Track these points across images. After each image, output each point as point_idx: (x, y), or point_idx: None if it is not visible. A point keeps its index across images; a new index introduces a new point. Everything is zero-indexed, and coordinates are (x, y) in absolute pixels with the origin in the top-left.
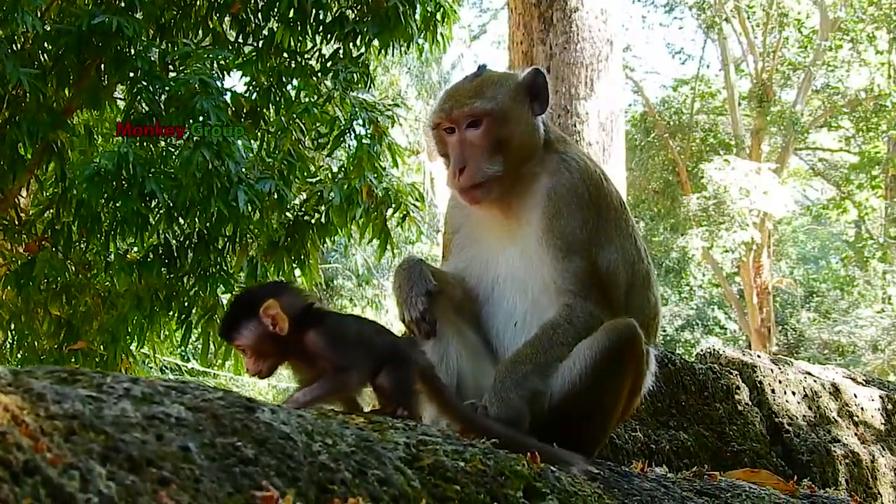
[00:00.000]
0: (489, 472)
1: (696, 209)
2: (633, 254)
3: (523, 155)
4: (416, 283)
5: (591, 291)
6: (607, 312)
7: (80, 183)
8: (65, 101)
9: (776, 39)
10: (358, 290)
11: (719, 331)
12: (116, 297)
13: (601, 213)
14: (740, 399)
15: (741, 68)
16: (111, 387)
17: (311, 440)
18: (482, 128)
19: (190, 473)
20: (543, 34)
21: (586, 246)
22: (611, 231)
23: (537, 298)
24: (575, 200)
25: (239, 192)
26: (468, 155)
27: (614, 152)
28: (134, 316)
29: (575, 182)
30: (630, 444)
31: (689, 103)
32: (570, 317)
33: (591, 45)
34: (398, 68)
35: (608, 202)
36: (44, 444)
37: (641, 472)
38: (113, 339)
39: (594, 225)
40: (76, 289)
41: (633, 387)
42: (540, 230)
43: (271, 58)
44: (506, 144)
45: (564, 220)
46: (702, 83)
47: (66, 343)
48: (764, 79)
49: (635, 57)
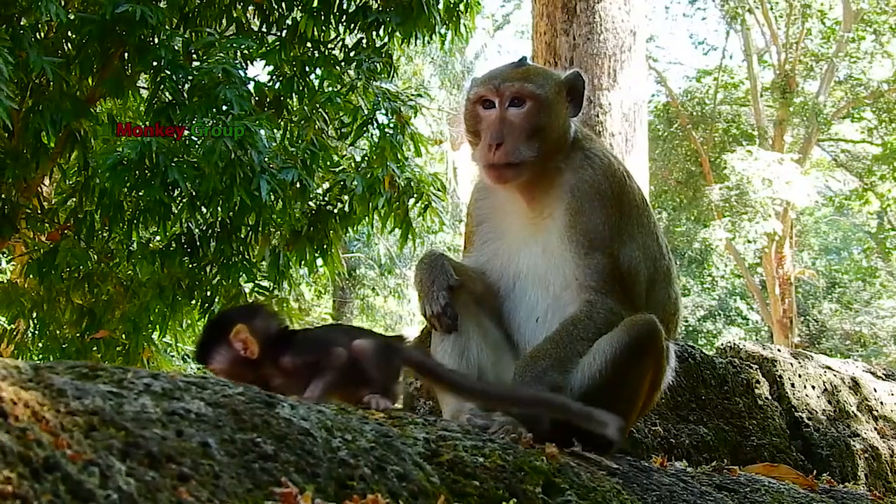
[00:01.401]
0: (508, 468)
1: (719, 200)
2: (654, 250)
3: (554, 148)
4: (437, 278)
5: (613, 288)
6: (628, 309)
7: (103, 172)
8: (88, 90)
9: (799, 30)
10: (380, 280)
11: (741, 321)
12: (139, 285)
13: (624, 210)
14: (760, 393)
15: (764, 59)
16: (131, 382)
17: (331, 436)
18: (525, 109)
19: (209, 469)
20: (567, 24)
21: (608, 243)
22: (633, 228)
23: (559, 294)
24: (598, 197)
25: (262, 181)
26: (507, 132)
27: (637, 143)
28: (156, 305)
29: (598, 179)
30: (650, 439)
31: (712, 94)
32: (591, 313)
33: (615, 36)
34: (421, 58)
35: (631, 199)
36: (64, 440)
37: (661, 467)
38: (135, 328)
39: (617, 222)
40: (98, 277)
41: (652, 382)
42: (562, 226)
43: (295, 47)
44: (543, 132)
45: (587, 216)
46: (725, 74)
47: (87, 332)
48: (787, 70)
49: (658, 48)
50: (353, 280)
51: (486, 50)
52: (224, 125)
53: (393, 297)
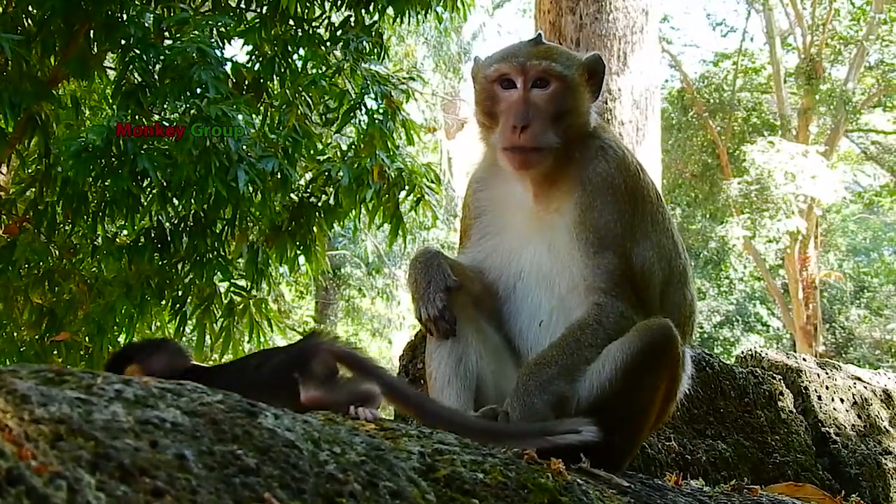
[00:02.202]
0: (510, 485)
1: (737, 195)
2: (669, 249)
3: (576, 135)
4: (434, 278)
5: (624, 290)
6: (640, 313)
7: (66, 159)
8: (50, 70)
9: (826, 11)
10: (367, 280)
11: (761, 328)
12: (104, 284)
13: (637, 206)
14: (784, 406)
15: (788, 42)
16: (101, 388)
17: (318, 448)
18: (550, 91)
19: (186, 484)
20: (573, 3)
21: (620, 241)
22: (647, 226)
23: (565, 296)
24: (611, 192)
25: (239, 171)
26: (533, 114)
27: (649, 132)
28: (123, 305)
29: (612, 172)
30: (663, 455)
31: (730, 80)
32: (600, 317)
33: (625, 16)
34: (414, 38)
35: (645, 195)
36: (28, 450)
37: (676, 486)
38: (99, 330)
39: (630, 219)
40: (60, 275)
41: (667, 392)
42: (571, 222)
43: (276, 25)
44: (568, 117)
45: (598, 212)
46: (745, 58)
47: (48, 334)
48: (812, 54)
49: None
50: (338, 280)
51: (484, 30)
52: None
53: (381, 298)
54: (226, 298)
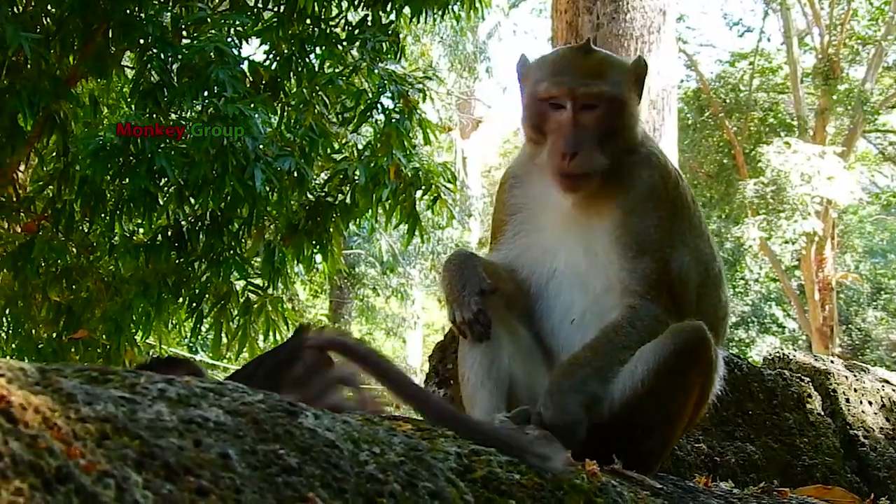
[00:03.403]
0: (546, 486)
1: (753, 196)
2: (706, 254)
3: (625, 147)
4: (468, 281)
5: (660, 294)
6: (675, 317)
7: (84, 158)
8: (68, 69)
9: (844, 11)
10: (381, 279)
11: (777, 329)
12: (121, 282)
13: (677, 212)
14: (812, 408)
15: (805, 42)
16: (145, 387)
17: (358, 448)
18: (598, 112)
19: (230, 483)
20: (590, 2)
21: (659, 247)
22: (685, 232)
23: (599, 297)
24: (653, 198)
25: (256, 170)
26: (582, 139)
27: (666, 132)
28: (140, 303)
29: (655, 179)
30: (692, 456)
31: (747, 80)
32: (634, 320)
33: (642, 15)
34: (430, 37)
35: (684, 201)
36: (77, 448)
37: (706, 487)
38: (117, 329)
39: (670, 225)
40: (78, 273)
41: (700, 394)
42: (612, 225)
43: (293, 24)
44: (618, 135)
45: (640, 217)
46: (762, 58)
47: (65, 332)
48: (830, 54)
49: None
50: (353, 279)
51: (499, 29)
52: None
53: (395, 297)
54: (242, 297)
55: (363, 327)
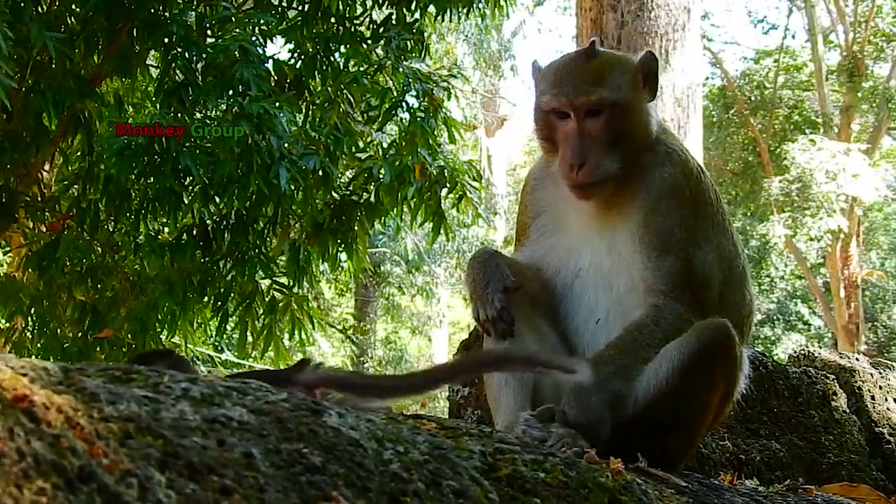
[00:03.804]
0: (571, 484)
1: (779, 193)
2: (729, 251)
3: (639, 147)
4: (492, 278)
5: (683, 293)
6: (698, 315)
7: (109, 157)
8: (93, 68)
9: (868, 8)
10: (407, 277)
11: (802, 327)
12: (146, 281)
13: (700, 210)
14: (837, 406)
15: (830, 39)
16: (168, 387)
17: (382, 447)
18: (603, 118)
19: (254, 482)
20: (614, 0)
21: (682, 245)
22: (708, 229)
23: (623, 296)
24: (675, 197)
25: (281, 168)
26: (587, 148)
27: (691, 130)
28: (165, 302)
29: (677, 177)
30: (717, 454)
31: (772, 77)
32: (658, 318)
33: (667, 13)
34: (454, 36)
35: (707, 198)
36: (100, 448)
37: (731, 486)
38: (142, 328)
39: (693, 223)
40: (103, 272)
41: (724, 392)
42: (635, 225)
43: (318, 23)
44: (626, 138)
45: (662, 216)
46: (786, 55)
47: (90, 331)
48: (855, 51)
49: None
50: (378, 277)
51: (524, 27)
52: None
53: (420, 296)
54: (267, 296)
55: (388, 326)
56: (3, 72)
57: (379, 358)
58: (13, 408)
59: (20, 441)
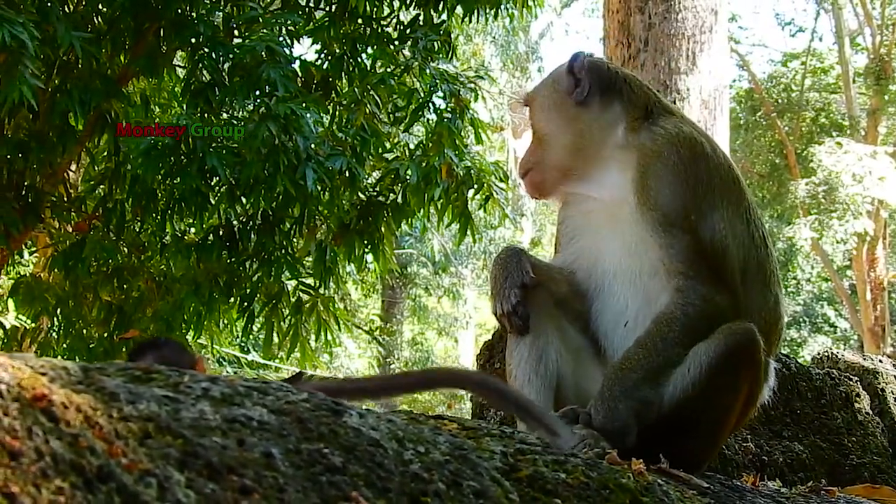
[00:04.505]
0: (592, 485)
1: (805, 196)
2: (743, 235)
3: (567, 141)
4: (511, 274)
5: (701, 269)
6: (724, 293)
7: (135, 157)
8: (120, 68)
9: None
10: (434, 279)
11: (828, 329)
12: (172, 281)
13: (699, 176)
14: (860, 408)
15: (857, 42)
16: (188, 386)
17: (402, 447)
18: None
19: (273, 482)
20: (642, 2)
21: (684, 213)
22: (714, 199)
23: (647, 286)
24: (662, 167)
25: (307, 169)
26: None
27: (718, 132)
28: (191, 303)
29: (660, 148)
30: (740, 456)
31: (799, 80)
32: (685, 305)
33: (694, 15)
34: (482, 37)
35: (709, 168)
36: (119, 447)
37: (753, 487)
38: (168, 328)
39: (690, 189)
40: (129, 272)
41: (748, 395)
42: (634, 207)
43: (345, 24)
44: (541, 133)
45: (655, 190)
46: (813, 58)
47: (116, 331)
48: (882, 54)
49: (741, 28)
50: (405, 278)
51: (551, 28)
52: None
53: (447, 297)
54: (293, 297)
55: (415, 327)
56: (30, 71)
57: (405, 359)
58: (32, 407)
59: (39, 440)
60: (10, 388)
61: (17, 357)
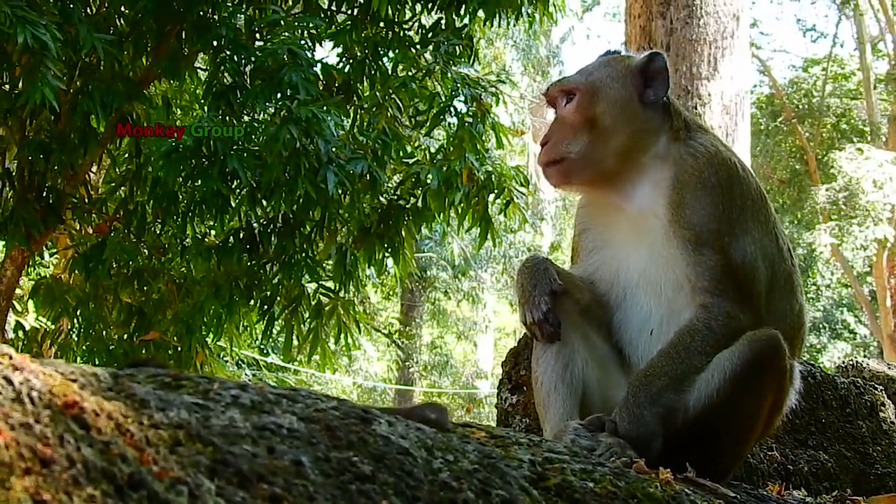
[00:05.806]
0: (620, 495)
1: (826, 202)
2: (772, 251)
3: (620, 140)
4: (539, 282)
5: (728, 288)
6: (748, 312)
7: (157, 159)
8: (142, 71)
9: None
10: (453, 283)
11: (848, 335)
12: (193, 284)
13: (734, 200)
14: (885, 417)
15: (878, 48)
16: (218, 394)
17: (432, 456)
18: (573, 103)
19: (303, 490)
20: (663, 7)
21: (717, 236)
22: (746, 221)
23: (672, 299)
24: (701, 187)
25: (328, 172)
26: (555, 130)
27: (739, 138)
28: (211, 305)
29: (700, 167)
30: (765, 465)
31: (820, 85)
32: (709, 320)
33: (716, 21)
34: (503, 41)
35: (743, 190)
36: (150, 455)
37: (779, 496)
38: (188, 330)
39: (725, 213)
40: (149, 274)
41: (774, 403)
42: (666, 222)
43: (367, 27)
44: (595, 124)
45: (690, 208)
46: (835, 64)
47: (136, 333)
48: None
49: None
50: (424, 282)
51: (573, 33)
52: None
53: (467, 301)
54: (313, 300)
55: (434, 330)
56: (52, 73)
57: (424, 363)
58: (63, 414)
59: (70, 448)
60: (42, 396)
61: (47, 363)
